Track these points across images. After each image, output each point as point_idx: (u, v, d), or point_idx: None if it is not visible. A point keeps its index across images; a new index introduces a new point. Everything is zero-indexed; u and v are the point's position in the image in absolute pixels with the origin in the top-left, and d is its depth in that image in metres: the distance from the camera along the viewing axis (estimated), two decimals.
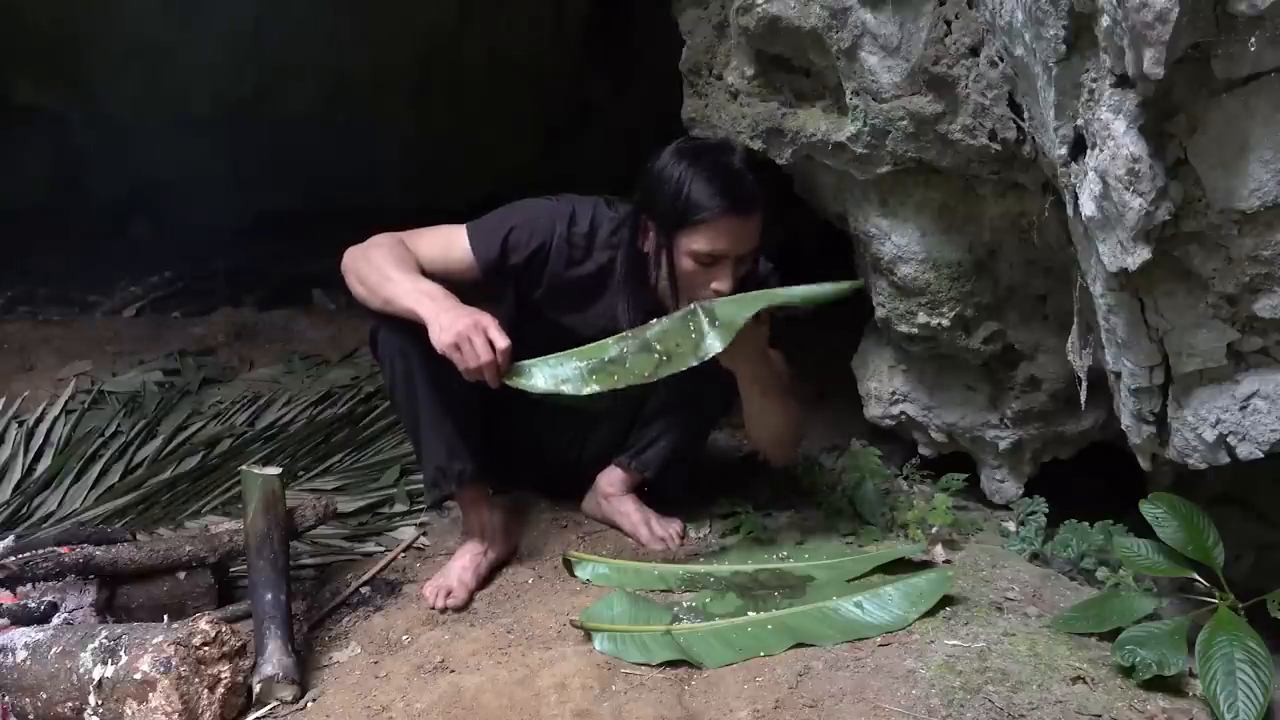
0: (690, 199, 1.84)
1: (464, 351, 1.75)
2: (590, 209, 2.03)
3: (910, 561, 1.92)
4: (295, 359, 3.43)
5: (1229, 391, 1.55)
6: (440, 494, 2.02)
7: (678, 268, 1.90)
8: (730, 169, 1.87)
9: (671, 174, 1.86)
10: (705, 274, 1.88)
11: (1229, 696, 1.47)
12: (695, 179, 1.84)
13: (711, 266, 1.87)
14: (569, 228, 2.00)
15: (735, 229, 1.86)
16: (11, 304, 4.12)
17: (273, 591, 1.76)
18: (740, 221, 1.86)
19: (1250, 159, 1.33)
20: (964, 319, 2.18)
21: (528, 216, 2.00)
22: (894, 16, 1.88)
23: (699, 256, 1.87)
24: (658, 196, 1.88)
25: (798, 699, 1.55)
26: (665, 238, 1.89)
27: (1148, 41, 1.23)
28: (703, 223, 1.84)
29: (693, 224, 1.85)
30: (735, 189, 1.85)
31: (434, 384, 1.93)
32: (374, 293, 1.87)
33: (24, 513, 2.41)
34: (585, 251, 2.01)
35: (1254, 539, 2.07)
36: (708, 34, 2.39)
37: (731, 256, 1.87)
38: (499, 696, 1.58)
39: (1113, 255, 1.46)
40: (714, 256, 1.86)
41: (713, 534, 2.19)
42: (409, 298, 1.82)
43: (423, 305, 1.79)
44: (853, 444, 2.42)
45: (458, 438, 1.97)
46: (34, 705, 1.58)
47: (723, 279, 1.87)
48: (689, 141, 1.93)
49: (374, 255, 1.89)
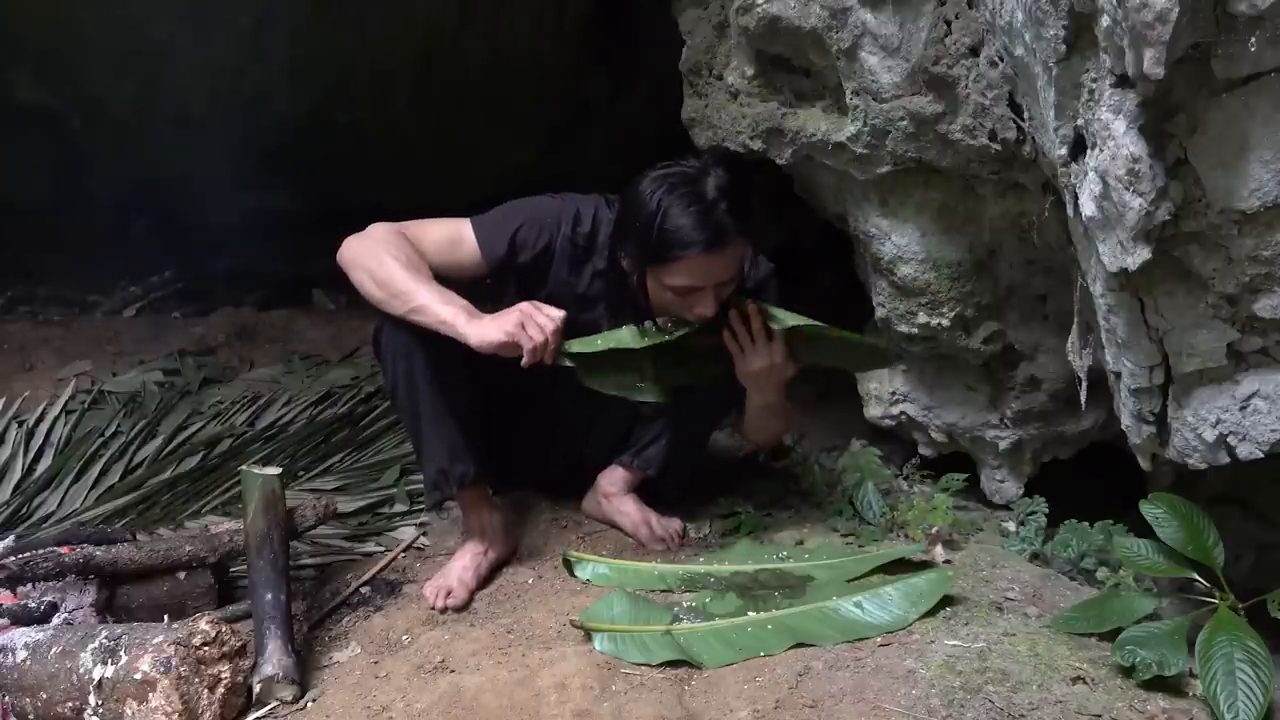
0: (665, 236, 1.79)
1: (527, 330, 1.76)
2: (592, 208, 2.02)
3: (910, 561, 1.92)
4: (295, 359, 3.43)
5: (1229, 391, 1.55)
6: (441, 496, 2.02)
7: (654, 298, 1.89)
8: (704, 202, 1.80)
9: (647, 206, 1.81)
10: (685, 302, 1.87)
11: (1229, 696, 1.47)
12: (669, 215, 1.79)
13: (690, 296, 1.86)
14: (574, 228, 1.99)
15: (711, 265, 1.82)
16: (11, 304, 4.12)
17: (273, 591, 1.76)
18: (715, 257, 1.81)
19: (1250, 159, 1.33)
20: (964, 319, 2.18)
21: (534, 214, 1.99)
22: (894, 16, 1.88)
23: (677, 290, 1.85)
24: (633, 228, 1.85)
25: (798, 699, 1.55)
26: (641, 270, 1.87)
27: (1148, 41, 1.23)
28: (677, 260, 1.80)
29: (668, 260, 1.81)
30: (709, 226, 1.79)
31: (436, 385, 1.92)
32: (394, 299, 1.84)
33: (24, 513, 2.41)
34: (586, 253, 2.00)
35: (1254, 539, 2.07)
36: (708, 34, 2.39)
37: (710, 286, 1.85)
38: (499, 696, 1.58)
39: (1113, 255, 1.46)
40: (692, 289, 1.85)
41: (713, 534, 2.19)
42: (441, 312, 1.80)
43: (459, 320, 1.78)
44: (853, 444, 2.42)
45: (460, 439, 1.96)
46: (34, 705, 1.58)
47: (704, 305, 1.85)
48: (665, 170, 1.85)
49: (383, 255, 1.85)
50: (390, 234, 1.90)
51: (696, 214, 1.79)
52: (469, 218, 1.98)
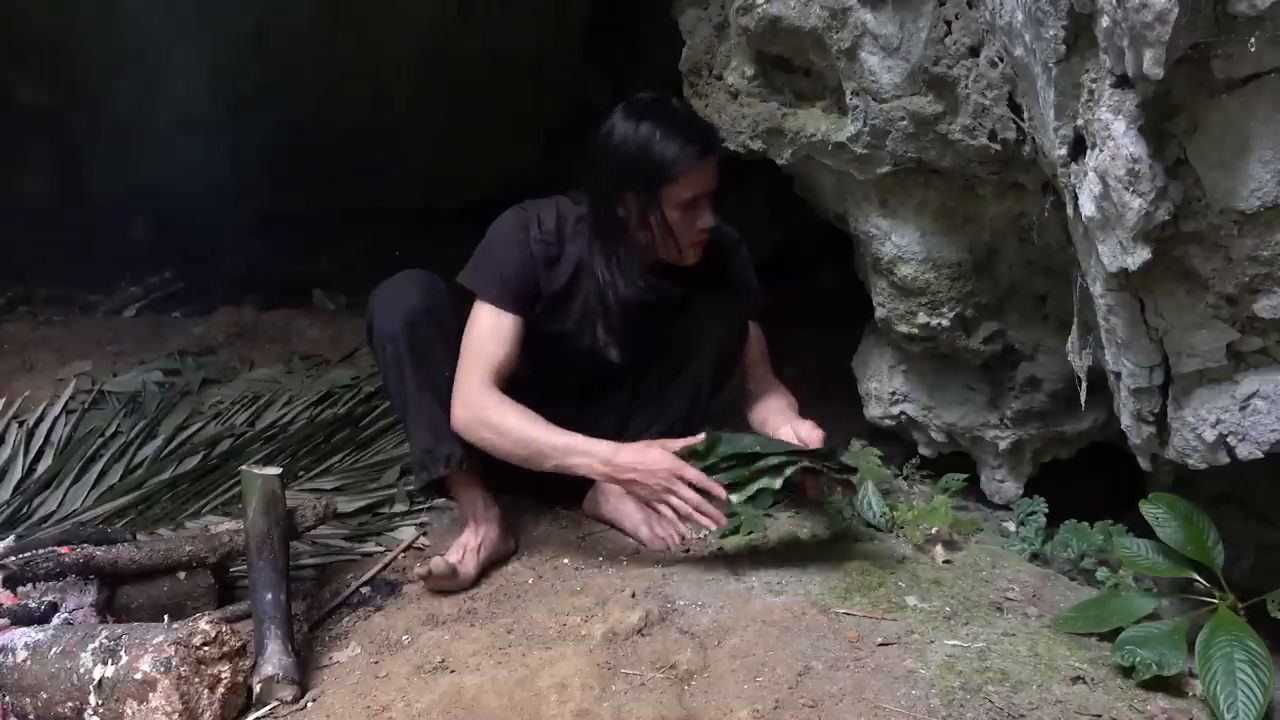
0: (663, 156, 1.91)
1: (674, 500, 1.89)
2: (553, 206, 2.09)
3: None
4: (295, 359, 3.43)
5: (1229, 391, 1.55)
6: (429, 477, 2.03)
7: (669, 221, 1.97)
8: (682, 116, 1.97)
9: (635, 138, 1.93)
10: (690, 218, 1.97)
11: (1229, 696, 1.47)
12: (659, 136, 1.92)
13: (693, 210, 1.96)
14: (539, 229, 2.05)
15: (708, 170, 1.96)
16: (11, 304, 4.12)
17: (273, 591, 1.76)
18: (712, 159, 1.96)
19: (1250, 159, 1.33)
20: (964, 319, 2.18)
21: (504, 245, 2.03)
22: (894, 16, 1.88)
23: (684, 204, 1.95)
24: (626, 164, 1.94)
25: (798, 699, 1.55)
26: (648, 199, 1.96)
27: (1148, 42, 1.23)
28: (682, 173, 1.92)
29: (672, 177, 1.92)
30: (698, 135, 1.95)
31: (423, 369, 1.98)
32: (534, 458, 1.95)
33: (24, 513, 2.41)
34: (558, 246, 2.06)
35: (1254, 539, 2.07)
36: (708, 34, 2.39)
37: (709, 194, 1.97)
38: (499, 696, 1.58)
39: (1113, 255, 1.46)
40: (697, 199, 1.95)
41: (712, 534, 2.19)
42: (575, 457, 1.93)
43: (592, 461, 1.92)
44: (853, 444, 2.42)
45: (445, 422, 1.99)
46: (34, 705, 1.58)
47: (705, 217, 1.98)
48: (629, 105, 1.98)
49: (505, 424, 1.93)
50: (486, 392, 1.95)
51: (683, 128, 1.94)
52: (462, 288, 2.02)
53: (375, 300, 2.05)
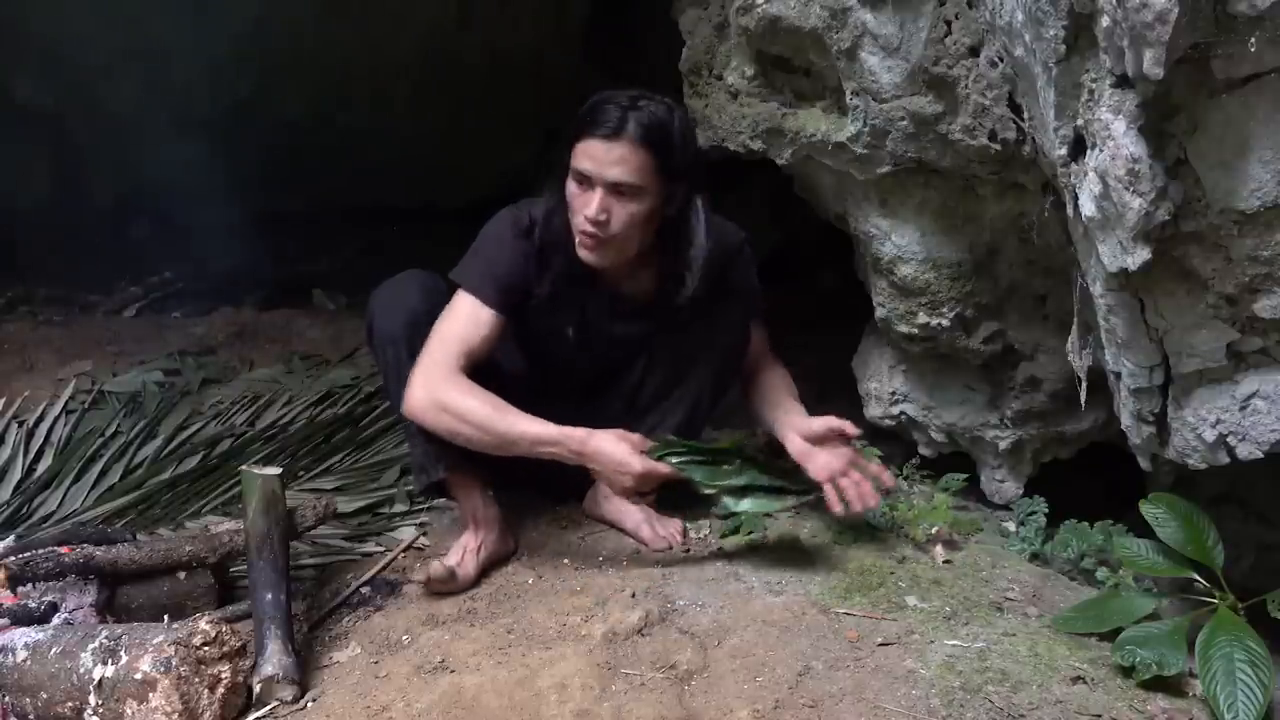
0: (582, 116, 1.90)
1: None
2: (540, 204, 2.06)
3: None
4: (295, 359, 3.43)
5: (1229, 391, 1.55)
6: (428, 479, 2.03)
7: (566, 190, 1.94)
8: (625, 106, 1.89)
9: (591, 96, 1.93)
10: (579, 200, 1.91)
11: (1229, 696, 1.47)
12: (596, 104, 1.90)
13: (583, 191, 1.90)
14: (532, 229, 2.03)
15: (608, 154, 1.86)
16: (11, 304, 4.12)
17: (273, 591, 1.76)
18: (614, 149, 1.86)
19: (1250, 159, 1.33)
20: (964, 319, 2.18)
21: (496, 244, 2.02)
22: (894, 16, 1.88)
23: (578, 177, 1.90)
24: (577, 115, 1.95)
25: (798, 699, 1.55)
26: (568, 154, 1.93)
27: (1148, 42, 1.23)
28: (585, 136, 1.88)
29: (577, 135, 1.89)
30: (616, 119, 1.87)
31: None
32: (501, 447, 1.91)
33: (24, 513, 2.41)
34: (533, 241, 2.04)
35: (1254, 539, 2.07)
36: (708, 34, 2.39)
37: (599, 184, 1.88)
38: (499, 696, 1.58)
39: (1113, 255, 1.46)
40: (583, 176, 1.89)
41: (712, 534, 2.19)
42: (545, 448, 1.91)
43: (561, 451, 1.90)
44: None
45: None
46: (34, 705, 1.58)
47: (591, 206, 1.88)
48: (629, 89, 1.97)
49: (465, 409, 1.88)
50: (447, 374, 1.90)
51: (614, 108, 1.88)
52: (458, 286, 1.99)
53: (376, 301, 2.04)
